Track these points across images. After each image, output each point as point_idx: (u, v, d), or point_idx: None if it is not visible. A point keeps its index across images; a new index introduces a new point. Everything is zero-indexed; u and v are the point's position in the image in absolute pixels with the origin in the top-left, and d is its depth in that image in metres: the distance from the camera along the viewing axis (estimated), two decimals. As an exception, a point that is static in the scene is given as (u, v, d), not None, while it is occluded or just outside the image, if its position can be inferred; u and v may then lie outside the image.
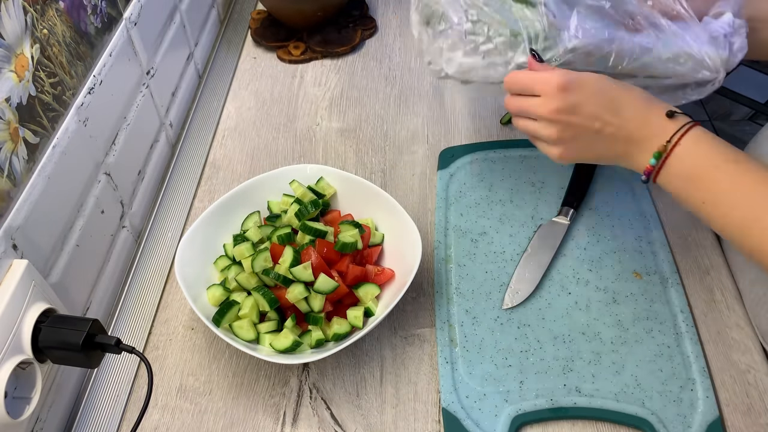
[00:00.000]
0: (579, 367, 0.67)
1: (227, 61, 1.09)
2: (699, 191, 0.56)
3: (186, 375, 0.69)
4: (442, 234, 0.79)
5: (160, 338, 0.72)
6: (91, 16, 0.70)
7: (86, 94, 0.67)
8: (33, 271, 0.56)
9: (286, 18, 1.09)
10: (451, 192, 0.84)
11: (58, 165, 0.62)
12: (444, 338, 0.69)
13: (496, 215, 0.81)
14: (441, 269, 0.76)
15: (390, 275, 0.71)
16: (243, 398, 0.67)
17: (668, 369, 0.66)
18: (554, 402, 0.64)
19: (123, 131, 0.77)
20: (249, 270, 0.69)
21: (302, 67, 1.07)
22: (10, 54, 0.55)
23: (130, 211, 0.79)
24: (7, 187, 0.55)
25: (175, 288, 0.77)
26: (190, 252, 0.71)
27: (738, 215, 0.54)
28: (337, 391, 0.67)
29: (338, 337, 0.67)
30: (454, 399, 0.65)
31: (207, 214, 0.73)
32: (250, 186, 0.77)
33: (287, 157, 0.92)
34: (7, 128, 0.54)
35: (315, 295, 0.67)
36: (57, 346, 0.54)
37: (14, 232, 0.55)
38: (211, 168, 0.91)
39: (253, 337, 0.66)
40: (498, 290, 0.74)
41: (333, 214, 0.78)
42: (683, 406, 0.64)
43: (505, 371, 0.67)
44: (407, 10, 1.17)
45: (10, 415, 0.51)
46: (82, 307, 0.68)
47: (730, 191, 0.54)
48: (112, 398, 0.67)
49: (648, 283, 0.73)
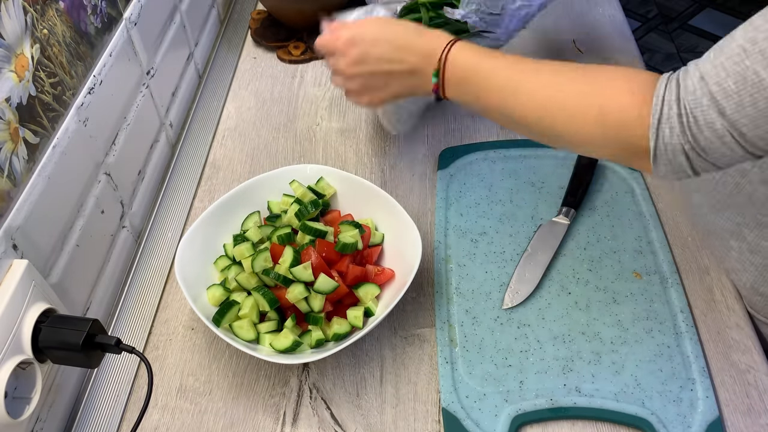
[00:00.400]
0: (579, 367, 0.67)
1: (227, 61, 1.09)
2: (473, 85, 0.62)
3: (186, 375, 0.69)
4: (442, 234, 0.79)
5: (160, 338, 0.72)
6: (91, 16, 0.70)
7: (86, 94, 0.67)
8: (33, 271, 0.56)
9: (286, 18, 1.09)
10: (451, 192, 0.84)
11: (58, 165, 0.62)
12: (444, 338, 0.69)
13: (496, 215, 0.81)
14: (441, 269, 0.76)
15: (390, 275, 0.71)
16: (243, 398, 0.67)
17: (668, 369, 0.66)
18: (554, 402, 0.64)
19: (123, 131, 0.77)
20: (249, 270, 0.69)
21: (302, 67, 1.07)
22: (10, 54, 0.55)
23: (130, 211, 0.79)
24: (7, 187, 0.55)
25: (175, 288, 0.77)
26: (190, 252, 0.71)
27: (509, 90, 0.60)
28: (337, 391, 0.67)
29: (338, 337, 0.67)
30: (454, 399, 0.65)
31: (207, 214, 0.73)
32: (250, 186, 0.77)
33: (287, 157, 0.92)
34: (7, 128, 0.54)
35: (315, 295, 0.67)
36: (57, 346, 0.54)
37: (14, 232, 0.55)
38: (211, 168, 0.91)
39: (253, 337, 0.66)
40: (498, 290, 0.74)
41: (333, 214, 0.78)
42: (683, 406, 0.64)
43: (505, 371, 0.67)
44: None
45: (10, 415, 0.51)
46: (82, 307, 0.68)
47: (492, 75, 0.61)
48: (112, 398, 0.67)
49: (648, 283, 0.73)
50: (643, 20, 2.72)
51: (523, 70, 0.60)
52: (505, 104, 0.60)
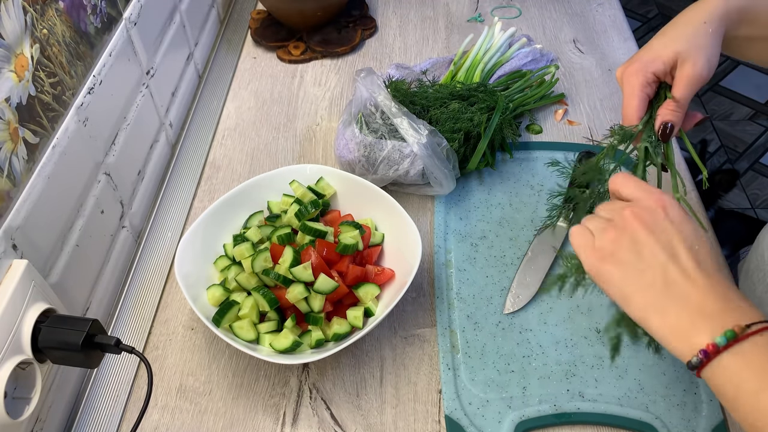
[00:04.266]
0: (582, 372, 0.67)
1: (227, 61, 1.09)
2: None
3: (186, 375, 0.69)
4: (441, 238, 0.79)
5: (160, 338, 0.72)
6: (91, 16, 0.70)
7: (86, 94, 0.67)
8: (33, 271, 0.55)
9: (286, 18, 1.09)
10: (450, 195, 0.84)
11: (58, 165, 0.62)
12: (446, 344, 0.69)
13: (495, 219, 0.81)
14: (441, 274, 0.76)
15: (390, 275, 0.71)
16: (243, 398, 0.67)
17: (671, 372, 0.66)
18: (557, 407, 0.64)
19: (123, 131, 0.77)
20: (249, 270, 0.69)
21: (302, 67, 1.06)
22: (10, 54, 0.55)
23: (130, 211, 0.79)
24: (7, 187, 0.55)
25: (175, 288, 0.77)
26: (190, 252, 0.71)
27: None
28: (337, 391, 0.67)
29: (338, 337, 0.67)
30: (456, 406, 0.65)
31: (207, 214, 0.73)
32: (250, 186, 0.77)
33: (287, 157, 0.92)
34: (7, 128, 0.54)
35: (315, 295, 0.67)
36: (57, 346, 0.54)
37: (14, 232, 0.55)
38: (211, 168, 0.91)
39: (253, 337, 0.66)
40: (499, 294, 0.74)
41: (333, 214, 0.78)
42: (687, 410, 0.63)
43: (508, 377, 0.67)
44: (407, 10, 1.18)
45: (10, 415, 0.51)
46: (82, 307, 0.68)
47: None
48: (112, 398, 0.67)
49: (648, 283, 0.73)
50: (643, 20, 2.72)
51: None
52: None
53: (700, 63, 0.59)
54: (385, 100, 0.80)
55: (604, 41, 1.09)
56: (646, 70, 0.61)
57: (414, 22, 1.15)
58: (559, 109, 0.96)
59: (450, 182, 0.79)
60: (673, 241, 0.48)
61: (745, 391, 0.44)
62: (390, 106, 0.79)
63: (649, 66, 0.61)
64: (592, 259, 0.51)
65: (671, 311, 0.47)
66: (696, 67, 0.59)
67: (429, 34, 1.12)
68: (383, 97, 0.80)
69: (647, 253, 0.49)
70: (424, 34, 1.12)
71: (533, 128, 0.93)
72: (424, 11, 1.17)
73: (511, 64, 0.96)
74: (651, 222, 0.49)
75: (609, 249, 0.50)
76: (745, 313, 0.45)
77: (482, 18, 1.15)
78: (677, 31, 0.61)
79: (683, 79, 0.60)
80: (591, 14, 1.15)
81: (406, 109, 0.79)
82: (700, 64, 0.59)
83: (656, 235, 0.49)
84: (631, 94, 0.61)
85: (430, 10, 1.17)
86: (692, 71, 0.59)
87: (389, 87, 0.84)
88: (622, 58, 1.05)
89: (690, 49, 0.59)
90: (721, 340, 0.44)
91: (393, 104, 0.80)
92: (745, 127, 2.21)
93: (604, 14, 1.15)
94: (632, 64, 0.62)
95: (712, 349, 0.44)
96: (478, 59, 0.95)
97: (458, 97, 0.86)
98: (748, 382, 0.43)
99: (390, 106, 0.79)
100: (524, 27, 1.13)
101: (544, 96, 0.95)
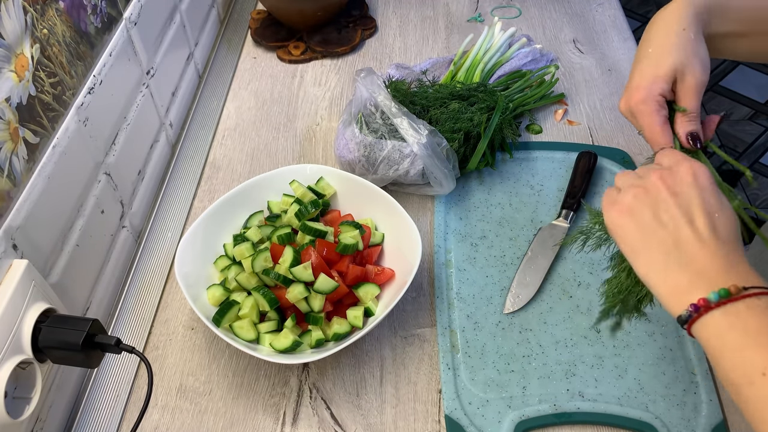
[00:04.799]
0: (582, 372, 0.67)
1: (227, 61, 1.09)
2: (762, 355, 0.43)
3: (186, 375, 0.69)
4: (441, 238, 0.79)
5: (160, 338, 0.72)
6: (91, 16, 0.70)
7: (86, 94, 0.67)
8: (33, 271, 0.55)
9: (286, 18, 1.09)
10: (450, 195, 0.84)
11: (58, 165, 0.62)
12: (446, 344, 0.69)
13: (495, 219, 0.81)
14: (441, 274, 0.76)
15: (390, 275, 0.71)
16: (243, 398, 0.67)
17: (671, 372, 0.66)
18: (557, 407, 0.64)
19: (123, 131, 0.77)
20: (249, 270, 0.69)
21: (302, 67, 1.06)
22: (10, 54, 0.55)
23: (130, 211, 0.79)
24: (7, 187, 0.55)
25: (175, 288, 0.77)
26: (190, 252, 0.71)
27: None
28: (337, 391, 0.67)
29: (338, 337, 0.67)
30: (456, 406, 0.65)
31: (207, 214, 0.73)
32: (250, 186, 0.77)
33: (287, 157, 0.92)
34: (7, 128, 0.54)
35: (315, 295, 0.67)
36: (57, 346, 0.54)
37: (14, 232, 0.55)
38: (211, 168, 0.91)
39: (253, 337, 0.66)
40: (499, 294, 0.74)
41: (333, 214, 0.78)
42: (687, 410, 0.63)
43: (508, 377, 0.67)
44: (407, 10, 1.18)
45: (10, 415, 0.51)
46: (82, 307, 0.68)
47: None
48: (112, 398, 0.67)
49: (648, 283, 0.73)
50: (643, 20, 2.72)
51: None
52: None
53: (698, 71, 0.59)
54: (385, 100, 0.80)
55: (604, 41, 1.09)
56: (653, 94, 0.60)
57: (414, 22, 1.15)
58: (559, 109, 0.97)
59: (450, 182, 0.79)
60: (692, 205, 0.50)
61: (729, 348, 0.44)
62: (390, 106, 0.80)
63: (654, 89, 0.60)
64: (612, 212, 0.53)
65: (674, 270, 0.48)
66: (696, 76, 0.59)
67: (429, 34, 1.12)
68: (383, 97, 0.80)
69: (664, 213, 0.50)
70: (424, 34, 1.12)
71: (533, 128, 0.93)
72: (424, 11, 1.17)
73: (511, 64, 0.96)
74: (676, 185, 0.51)
75: (629, 204, 0.52)
76: (746, 279, 0.46)
77: (482, 18, 1.15)
78: (660, 45, 0.61)
79: (689, 90, 0.60)
80: (591, 14, 1.15)
81: (406, 109, 0.79)
82: (699, 71, 0.60)
83: (678, 198, 0.50)
84: (652, 122, 0.60)
85: (430, 10, 1.17)
86: (694, 81, 0.59)
87: (389, 87, 0.84)
88: (622, 58, 1.05)
89: (684, 61, 0.59)
90: (713, 296, 0.45)
91: (393, 104, 0.80)
92: (745, 127, 2.21)
93: (604, 14, 1.15)
94: (636, 93, 0.61)
95: (703, 303, 0.45)
96: (478, 59, 0.95)
97: (458, 97, 0.86)
98: (734, 339, 0.44)
99: (390, 106, 0.79)
100: (524, 27, 1.13)
101: (544, 96, 0.95)
